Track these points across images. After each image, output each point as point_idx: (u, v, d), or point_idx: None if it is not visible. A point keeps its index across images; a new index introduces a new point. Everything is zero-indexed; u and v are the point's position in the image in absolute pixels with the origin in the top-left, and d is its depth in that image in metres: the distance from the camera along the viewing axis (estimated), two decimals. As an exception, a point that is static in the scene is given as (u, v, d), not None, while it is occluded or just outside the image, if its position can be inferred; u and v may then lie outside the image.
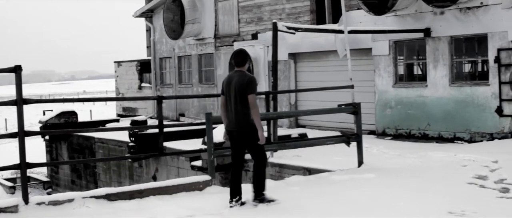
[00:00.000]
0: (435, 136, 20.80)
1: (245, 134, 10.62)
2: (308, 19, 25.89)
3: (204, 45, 32.41)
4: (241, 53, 10.96)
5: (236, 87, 10.53)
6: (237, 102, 10.52)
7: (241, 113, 10.53)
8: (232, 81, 10.65)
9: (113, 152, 26.33)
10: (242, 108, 10.51)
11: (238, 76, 10.65)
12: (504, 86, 19.03)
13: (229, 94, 10.65)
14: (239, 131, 10.63)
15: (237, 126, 10.62)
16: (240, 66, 10.84)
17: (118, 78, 41.75)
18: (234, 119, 10.61)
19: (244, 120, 10.53)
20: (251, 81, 10.55)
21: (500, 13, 18.99)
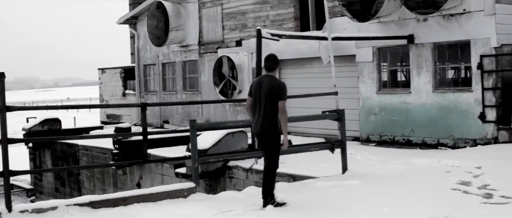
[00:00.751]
0: (419, 142, 20.87)
1: (267, 137, 10.90)
2: (292, 26, 25.94)
3: (188, 52, 32.39)
4: (271, 58, 11.15)
5: (266, 91, 10.77)
6: (266, 106, 10.79)
7: (268, 116, 10.80)
8: (262, 85, 10.89)
9: (97, 159, 26.24)
10: (269, 112, 10.78)
11: (269, 81, 10.88)
12: (487, 93, 19.14)
13: (259, 98, 10.91)
14: (263, 133, 10.90)
15: (261, 129, 10.88)
16: (270, 70, 11.07)
17: (102, 85, 41.64)
18: (260, 122, 10.88)
19: (269, 123, 10.80)
20: (281, 88, 10.78)
21: (483, 20, 19.10)
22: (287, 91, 10.91)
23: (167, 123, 34.20)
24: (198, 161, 12.78)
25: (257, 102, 10.94)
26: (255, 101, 11.00)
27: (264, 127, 10.85)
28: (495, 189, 11.99)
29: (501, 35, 19.03)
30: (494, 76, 19.06)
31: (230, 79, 28.28)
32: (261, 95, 10.85)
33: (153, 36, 32.28)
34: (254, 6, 27.94)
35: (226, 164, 18.39)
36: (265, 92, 10.79)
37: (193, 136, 12.65)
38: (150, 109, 34.39)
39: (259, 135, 11.01)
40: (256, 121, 10.98)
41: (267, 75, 11.07)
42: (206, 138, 17.60)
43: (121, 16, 36.94)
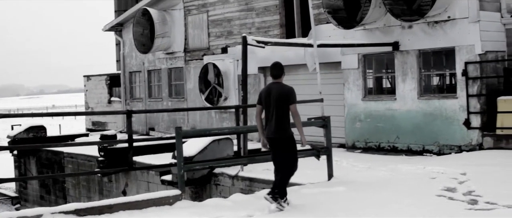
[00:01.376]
0: (404, 149, 20.93)
1: (281, 140, 11.49)
2: (278, 33, 25.98)
3: (174, 59, 32.36)
4: (277, 66, 11.88)
5: (276, 97, 11.40)
6: (277, 111, 11.40)
7: (280, 121, 11.41)
8: (271, 92, 11.53)
9: (83, 166, 26.16)
10: (281, 116, 11.41)
11: (277, 87, 11.57)
12: (472, 99, 19.23)
13: (269, 104, 11.51)
14: (277, 137, 11.48)
15: (275, 133, 11.46)
16: (277, 78, 11.75)
17: (88, 92, 41.53)
18: (273, 127, 11.45)
19: (282, 128, 11.42)
20: (291, 92, 11.48)
21: (467, 27, 19.20)
22: (296, 95, 11.55)
23: (152, 130, 34.13)
24: (183, 168, 12.78)
25: (268, 109, 11.52)
26: (266, 108, 11.57)
27: (278, 132, 11.43)
28: (480, 195, 12.05)
29: (485, 42, 19.14)
30: (479, 83, 19.15)
31: (216, 87, 28.28)
32: (271, 102, 11.45)
33: (139, 43, 32.22)
34: (239, 13, 27.97)
35: (212, 171, 18.38)
36: (275, 98, 11.40)
37: (179, 143, 12.64)
38: (136, 116, 34.30)
39: (274, 140, 11.54)
40: (269, 127, 11.53)
41: (274, 82, 11.72)
42: (191, 145, 17.59)
43: (107, 23, 36.85)
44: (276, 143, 11.57)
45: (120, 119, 37.21)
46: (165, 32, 31.59)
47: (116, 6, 45.16)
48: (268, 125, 11.59)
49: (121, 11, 40.74)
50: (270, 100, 11.50)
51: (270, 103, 11.50)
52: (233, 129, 18.71)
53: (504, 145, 18.53)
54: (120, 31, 36.56)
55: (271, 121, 11.49)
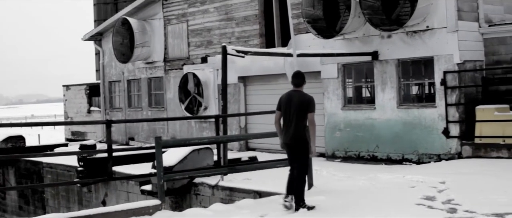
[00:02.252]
0: (384, 158, 21.00)
1: (298, 145, 12.15)
2: (258, 43, 26.03)
3: (154, 69, 32.32)
4: (299, 75, 12.54)
5: (297, 105, 12.07)
6: (297, 118, 12.05)
7: (298, 127, 12.06)
8: (292, 100, 12.19)
9: (62, 177, 26.00)
10: (300, 123, 12.05)
11: (298, 96, 12.26)
12: (451, 108, 19.34)
13: (289, 111, 12.16)
14: (294, 142, 12.14)
15: (293, 138, 12.12)
16: (298, 86, 12.43)
17: (67, 102, 41.35)
18: (292, 132, 12.10)
19: (300, 133, 12.07)
20: (311, 101, 12.16)
21: (446, 37, 19.33)
22: (315, 104, 12.26)
23: (132, 140, 34.04)
24: (163, 178, 12.76)
25: (288, 115, 12.17)
26: (285, 114, 12.22)
27: (296, 137, 12.09)
28: (459, 203, 12.11)
29: (463, 51, 19.28)
30: (457, 92, 19.28)
31: (196, 96, 28.26)
32: (292, 109, 12.11)
33: (118, 53, 32.15)
34: (219, 23, 28.00)
35: (192, 181, 18.34)
36: (296, 106, 12.06)
37: (159, 152, 12.63)
38: (116, 126, 34.17)
39: (291, 145, 12.21)
40: (287, 132, 12.19)
41: (295, 90, 12.39)
42: (171, 155, 17.56)
43: (86, 33, 36.75)
44: (293, 148, 12.23)
45: (100, 128, 37.06)
46: (145, 41, 31.55)
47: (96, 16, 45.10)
48: (286, 130, 12.23)
49: (100, 20, 40.70)
50: (290, 107, 12.14)
51: (290, 110, 12.14)
52: (213, 138, 18.72)
53: (483, 153, 18.64)
54: (100, 40, 36.47)
55: (290, 127, 12.12)
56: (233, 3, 27.23)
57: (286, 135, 12.24)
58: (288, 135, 12.19)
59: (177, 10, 30.45)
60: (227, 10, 27.55)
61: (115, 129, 34.22)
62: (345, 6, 21.85)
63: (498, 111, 18.53)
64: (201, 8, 28.96)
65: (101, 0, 45.10)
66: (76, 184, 22.60)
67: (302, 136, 12.12)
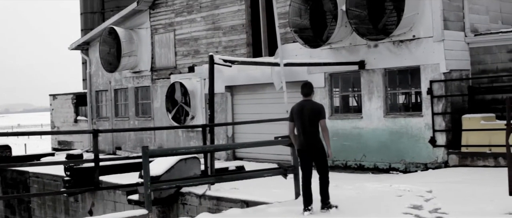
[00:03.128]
0: (371, 167, 21.04)
1: (315, 151, 12.85)
2: (245, 52, 26.04)
3: (141, 78, 32.27)
4: (308, 85, 13.33)
5: (308, 113, 12.82)
6: (311, 125, 12.80)
7: (312, 134, 12.81)
8: (304, 109, 12.93)
9: (48, 186, 25.90)
10: (313, 130, 12.81)
11: (309, 104, 13.04)
12: (437, 117, 19.42)
13: (302, 119, 12.88)
14: (310, 148, 12.87)
15: (308, 145, 12.86)
16: (307, 96, 13.20)
17: (54, 111, 41.21)
18: (307, 139, 12.84)
19: (315, 140, 12.82)
20: (321, 109, 12.98)
21: (432, 46, 19.43)
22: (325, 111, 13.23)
23: (119, 149, 33.94)
24: (150, 188, 12.72)
25: (301, 124, 12.89)
26: (299, 123, 12.93)
27: (312, 143, 12.82)
28: (446, 212, 12.14)
29: (449, 61, 19.38)
30: (444, 101, 19.35)
31: (183, 105, 28.23)
32: (305, 117, 12.84)
33: (105, 62, 32.08)
34: (206, 32, 28.00)
35: (179, 191, 18.31)
36: (308, 114, 12.81)
37: (146, 162, 12.60)
38: (102, 135, 34.08)
39: (307, 151, 12.90)
40: (301, 139, 12.93)
41: (305, 100, 13.14)
42: (158, 164, 17.52)
43: (73, 42, 36.65)
44: (309, 153, 12.90)
45: (87, 138, 36.94)
46: (132, 51, 31.50)
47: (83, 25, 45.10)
48: (300, 138, 12.96)
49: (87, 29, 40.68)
50: (303, 116, 12.86)
51: (303, 118, 12.86)
52: (200, 148, 18.68)
53: (469, 162, 18.71)
54: (87, 50, 36.38)
55: (304, 134, 12.84)
56: (220, 13, 27.25)
57: (302, 142, 12.93)
58: (303, 142, 12.89)
59: (164, 19, 30.44)
60: (214, 20, 27.57)
61: (102, 138, 34.12)
62: (332, 15, 21.92)
63: (484, 119, 18.62)
64: (188, 18, 28.97)
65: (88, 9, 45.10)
66: (63, 193, 22.49)
67: (317, 141, 12.84)
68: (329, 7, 21.94)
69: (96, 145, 13.79)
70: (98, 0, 45.14)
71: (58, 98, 40.94)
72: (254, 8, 26.11)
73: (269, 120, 18.85)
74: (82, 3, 45.74)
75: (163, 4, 30.42)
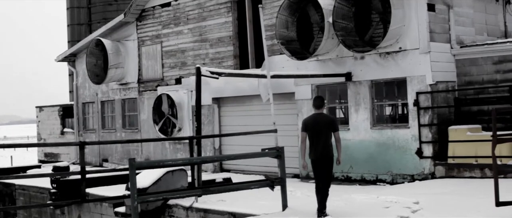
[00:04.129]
0: (358, 178, 21.07)
1: (326, 160, 13.81)
2: (232, 64, 26.07)
3: (128, 90, 32.23)
4: (319, 99, 14.33)
5: (323, 125, 13.78)
6: (326, 136, 13.74)
7: (326, 144, 13.75)
8: (319, 121, 13.86)
9: (35, 199, 25.78)
10: (327, 140, 13.76)
11: (324, 117, 14.12)
12: (424, 129, 19.48)
13: (316, 131, 13.77)
14: (324, 158, 13.78)
15: (322, 154, 13.76)
16: (319, 108, 14.09)
17: (40, 123, 41.06)
18: (321, 149, 13.74)
19: (328, 149, 13.78)
20: (335, 121, 14.17)
21: (418, 58, 19.51)
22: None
23: (106, 162, 33.85)
24: (137, 200, 12.70)
25: (316, 135, 13.76)
26: (313, 134, 13.78)
27: (327, 153, 13.77)
28: (432, 224, 12.18)
29: (436, 72, 19.47)
30: (430, 113, 19.43)
31: (170, 117, 28.20)
32: (320, 129, 13.75)
33: (92, 74, 32.03)
34: (193, 44, 28.01)
35: (166, 203, 18.28)
36: (322, 126, 13.76)
37: (132, 174, 12.57)
38: (89, 148, 33.99)
39: (321, 159, 13.79)
40: (316, 149, 13.77)
41: (318, 113, 14.05)
42: (145, 177, 17.49)
43: (60, 54, 36.58)
44: (322, 162, 13.79)
45: (73, 150, 36.82)
46: (119, 63, 31.46)
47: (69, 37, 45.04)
48: (314, 148, 13.80)
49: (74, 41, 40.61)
50: (318, 127, 13.76)
51: (318, 129, 13.75)
52: (187, 160, 18.67)
53: (456, 173, 18.78)
54: (74, 61, 36.31)
55: (319, 144, 13.74)
56: (207, 25, 27.28)
57: (315, 152, 13.80)
58: (317, 151, 13.77)
59: (151, 31, 30.44)
60: (201, 32, 27.59)
61: (88, 150, 34.03)
62: (318, 27, 21.99)
63: (471, 131, 18.69)
64: (175, 30, 28.98)
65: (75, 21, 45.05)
66: (49, 206, 22.40)
67: (329, 151, 13.79)
68: (316, 19, 22.01)
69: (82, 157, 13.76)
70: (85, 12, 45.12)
71: (44, 110, 40.81)
72: (241, 20, 26.17)
73: (256, 131, 18.86)
74: (69, 15, 45.71)
75: (150, 16, 30.44)
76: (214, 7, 26.87)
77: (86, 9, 44.82)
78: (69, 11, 45.52)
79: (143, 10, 30.72)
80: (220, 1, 26.59)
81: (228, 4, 26.30)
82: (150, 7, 30.36)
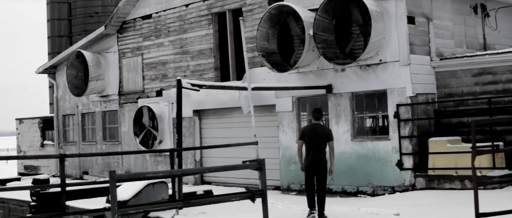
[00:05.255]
0: (339, 190, 21.09)
1: (321, 168, 15.24)
2: (213, 76, 26.06)
3: (108, 102, 32.13)
4: (318, 110, 15.88)
5: (320, 135, 15.26)
6: (321, 145, 15.20)
7: (321, 152, 15.21)
8: (317, 131, 15.34)
9: (14, 211, 25.61)
10: (323, 149, 15.21)
11: (321, 127, 15.69)
12: (404, 141, 19.55)
13: (314, 140, 15.20)
14: (319, 165, 15.20)
15: (317, 162, 15.17)
16: (317, 119, 15.66)
17: (20, 135, 40.82)
18: (317, 157, 15.17)
19: (323, 157, 15.26)
20: (330, 132, 15.68)
21: (398, 70, 19.60)
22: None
23: (86, 174, 33.69)
24: (118, 213, 12.62)
25: (314, 144, 15.17)
26: (310, 142, 15.18)
27: (323, 161, 15.24)
28: (412, 236, 12.22)
29: (416, 84, 19.57)
30: (410, 125, 19.52)
31: (151, 130, 28.13)
32: (317, 138, 15.20)
33: (73, 86, 31.92)
34: (174, 57, 27.99)
35: (147, 215, 18.20)
36: (320, 136, 15.22)
37: (113, 187, 12.50)
38: (69, 160, 33.83)
39: (315, 167, 15.19)
40: (313, 157, 15.15)
41: (316, 123, 15.60)
42: (126, 189, 17.42)
43: (40, 66, 36.42)
44: (317, 168, 15.17)
45: (53, 162, 36.62)
46: (100, 75, 31.38)
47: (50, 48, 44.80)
48: (310, 155, 15.18)
49: (54, 53, 40.40)
50: (316, 137, 15.19)
51: (316, 139, 15.18)
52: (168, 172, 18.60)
53: (436, 185, 18.85)
54: (54, 73, 36.16)
55: (315, 152, 15.12)
56: (188, 37, 27.27)
57: (312, 159, 15.16)
58: (312, 159, 15.15)
59: (132, 43, 30.39)
60: (182, 44, 27.58)
61: (69, 163, 33.86)
62: (299, 40, 22.05)
63: (450, 142, 18.78)
64: (156, 42, 28.96)
65: (55, 33, 44.84)
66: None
67: (324, 160, 15.24)
68: (297, 31, 22.07)
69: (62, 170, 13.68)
70: (66, 24, 44.93)
71: (24, 122, 40.58)
72: (222, 32, 26.20)
73: (237, 144, 18.84)
74: (49, 27, 45.51)
75: (131, 28, 30.41)
76: (195, 19, 26.89)
77: (67, 21, 44.64)
78: (49, 23, 45.31)
79: (124, 22, 30.68)
80: (201, 13, 26.61)
81: (209, 17, 26.32)
82: (131, 19, 30.34)
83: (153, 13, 29.06)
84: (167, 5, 28.24)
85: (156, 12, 28.90)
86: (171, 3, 28.06)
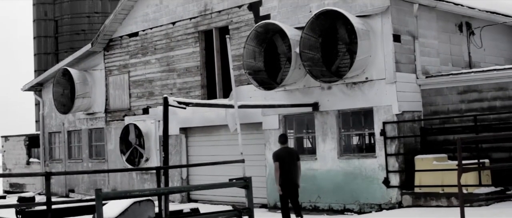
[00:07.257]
0: (326, 208, 21.09)
1: (294, 186, 17.46)
2: (199, 94, 26.05)
3: (95, 120, 32.05)
4: (284, 135, 18.29)
5: (293, 157, 17.51)
6: (294, 165, 17.38)
7: (294, 172, 17.40)
8: (291, 153, 17.68)
9: (-1, 230, 25.41)
10: (296, 169, 17.44)
11: (291, 150, 18.39)
12: (390, 158, 19.59)
13: (288, 161, 17.32)
14: (293, 184, 17.39)
15: (292, 181, 17.33)
16: (285, 143, 17.92)
17: (5, 153, 40.65)
18: (293, 177, 17.35)
19: (296, 176, 17.46)
20: (298, 152, 18.34)
21: (384, 88, 19.67)
22: None
23: (72, 192, 33.55)
24: (104, 231, 12.56)
25: (289, 165, 17.27)
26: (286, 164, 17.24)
27: (294, 179, 17.39)
28: (399, 253, 12.23)
29: (402, 102, 19.64)
30: (397, 142, 19.56)
31: (137, 147, 28.08)
32: (292, 160, 17.40)
33: (59, 104, 31.83)
34: (161, 74, 27.98)
35: (133, 234, 18.11)
36: (292, 158, 17.44)
37: (99, 205, 12.45)
38: (55, 178, 33.67)
39: (293, 185, 17.39)
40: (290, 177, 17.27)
41: (287, 146, 18.01)
42: (112, 207, 17.32)
43: (26, 83, 36.32)
44: (293, 186, 17.38)
45: (39, 180, 36.47)
46: (86, 92, 31.32)
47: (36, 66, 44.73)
48: (289, 175, 17.26)
49: (41, 70, 40.35)
50: (291, 159, 17.38)
51: (291, 161, 17.35)
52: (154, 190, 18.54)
53: (423, 202, 18.87)
54: (40, 91, 36.06)
55: (291, 173, 17.28)
56: (175, 55, 27.28)
57: (288, 179, 17.22)
58: (290, 178, 17.24)
59: (118, 61, 30.36)
60: (168, 62, 27.59)
61: (54, 180, 33.71)
62: (286, 58, 22.10)
63: (437, 160, 18.83)
64: (143, 59, 28.95)
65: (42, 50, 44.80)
66: (14, 237, 22.06)
67: (296, 179, 17.45)
68: (283, 49, 22.13)
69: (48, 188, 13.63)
70: (52, 41, 44.91)
71: (10, 139, 40.43)
72: (208, 50, 26.23)
73: (224, 162, 18.80)
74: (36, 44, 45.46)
75: (117, 45, 30.40)
76: (182, 37, 26.91)
77: (53, 39, 44.63)
78: (36, 40, 45.28)
79: (111, 39, 30.67)
80: (188, 31, 26.64)
81: (195, 34, 26.36)
82: (117, 36, 30.33)
83: (140, 31, 29.06)
84: (154, 23, 28.27)
85: (143, 30, 28.90)
86: (157, 21, 28.09)
